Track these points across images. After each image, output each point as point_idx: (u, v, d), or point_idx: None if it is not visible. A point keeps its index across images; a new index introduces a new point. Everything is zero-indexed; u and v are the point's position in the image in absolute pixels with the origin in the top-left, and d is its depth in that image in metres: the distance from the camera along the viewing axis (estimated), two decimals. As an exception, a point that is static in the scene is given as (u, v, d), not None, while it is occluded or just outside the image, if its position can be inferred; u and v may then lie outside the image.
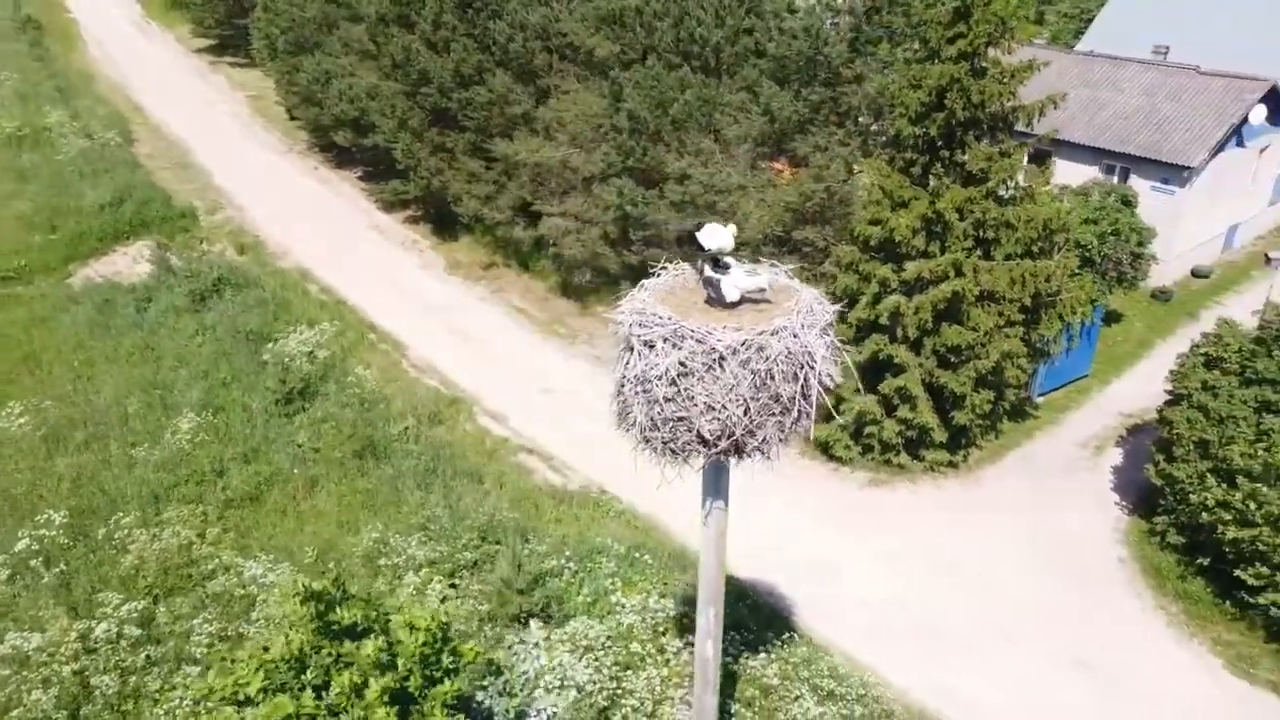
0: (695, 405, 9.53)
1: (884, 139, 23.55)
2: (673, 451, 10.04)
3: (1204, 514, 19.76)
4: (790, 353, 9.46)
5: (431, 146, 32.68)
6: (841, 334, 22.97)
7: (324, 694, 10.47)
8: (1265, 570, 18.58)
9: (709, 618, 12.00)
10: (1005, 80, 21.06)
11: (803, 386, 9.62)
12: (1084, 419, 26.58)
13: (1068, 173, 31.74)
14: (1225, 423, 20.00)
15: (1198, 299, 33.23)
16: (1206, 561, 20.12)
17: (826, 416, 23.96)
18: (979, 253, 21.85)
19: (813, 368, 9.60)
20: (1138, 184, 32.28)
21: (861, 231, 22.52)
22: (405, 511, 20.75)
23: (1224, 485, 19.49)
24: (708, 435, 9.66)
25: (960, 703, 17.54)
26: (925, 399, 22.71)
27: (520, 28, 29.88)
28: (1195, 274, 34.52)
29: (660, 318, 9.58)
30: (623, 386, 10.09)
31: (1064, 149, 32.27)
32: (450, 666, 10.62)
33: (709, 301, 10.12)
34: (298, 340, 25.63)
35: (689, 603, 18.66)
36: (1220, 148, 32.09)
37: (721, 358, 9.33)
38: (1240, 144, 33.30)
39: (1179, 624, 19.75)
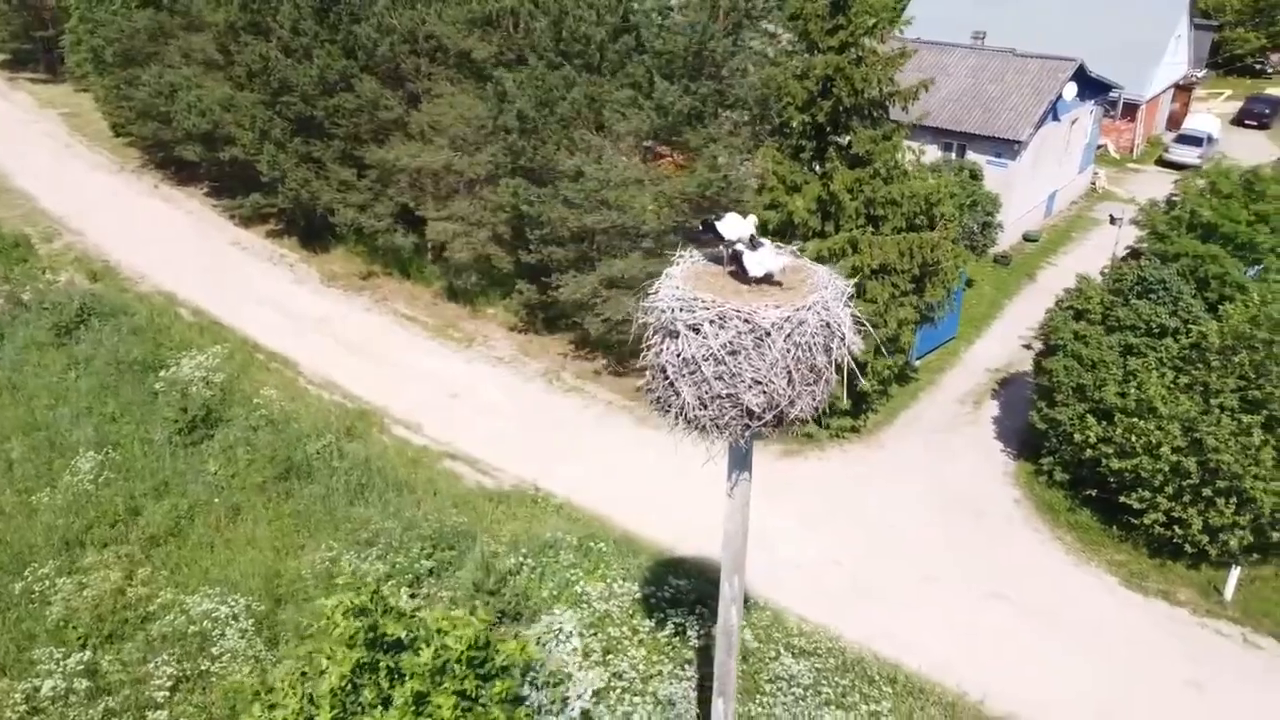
0: (743, 381, 10.17)
1: (770, 128, 24.80)
2: (719, 428, 10.60)
3: (1087, 450, 22.06)
4: (826, 325, 10.27)
5: (298, 157, 31.67)
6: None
7: (387, 708, 10.46)
8: (1146, 494, 20.97)
9: (733, 585, 12.71)
10: (884, 68, 22.67)
11: (834, 357, 10.45)
12: (958, 378, 28.88)
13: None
14: (1097, 367, 22.39)
15: (1032, 261, 36.54)
16: (1093, 493, 22.46)
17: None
18: (870, 229, 23.44)
19: (843, 338, 10.45)
20: (973, 159, 35.18)
21: (759, 216, 23.65)
22: (348, 528, 20.36)
23: (1103, 423, 21.83)
24: (755, 409, 10.32)
25: (902, 645, 18.88)
26: (830, 370, 24.15)
27: (387, 31, 29.43)
28: (1026, 238, 37.89)
29: (705, 301, 10.17)
30: (664, 370, 10.57)
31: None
32: (502, 665, 10.80)
33: (734, 275, 10.77)
34: (191, 366, 24.46)
35: (651, 583, 19.40)
36: (1041, 122, 35.43)
37: (767, 334, 10.02)
38: (1056, 118, 36.80)
39: (1075, 551, 21.97)
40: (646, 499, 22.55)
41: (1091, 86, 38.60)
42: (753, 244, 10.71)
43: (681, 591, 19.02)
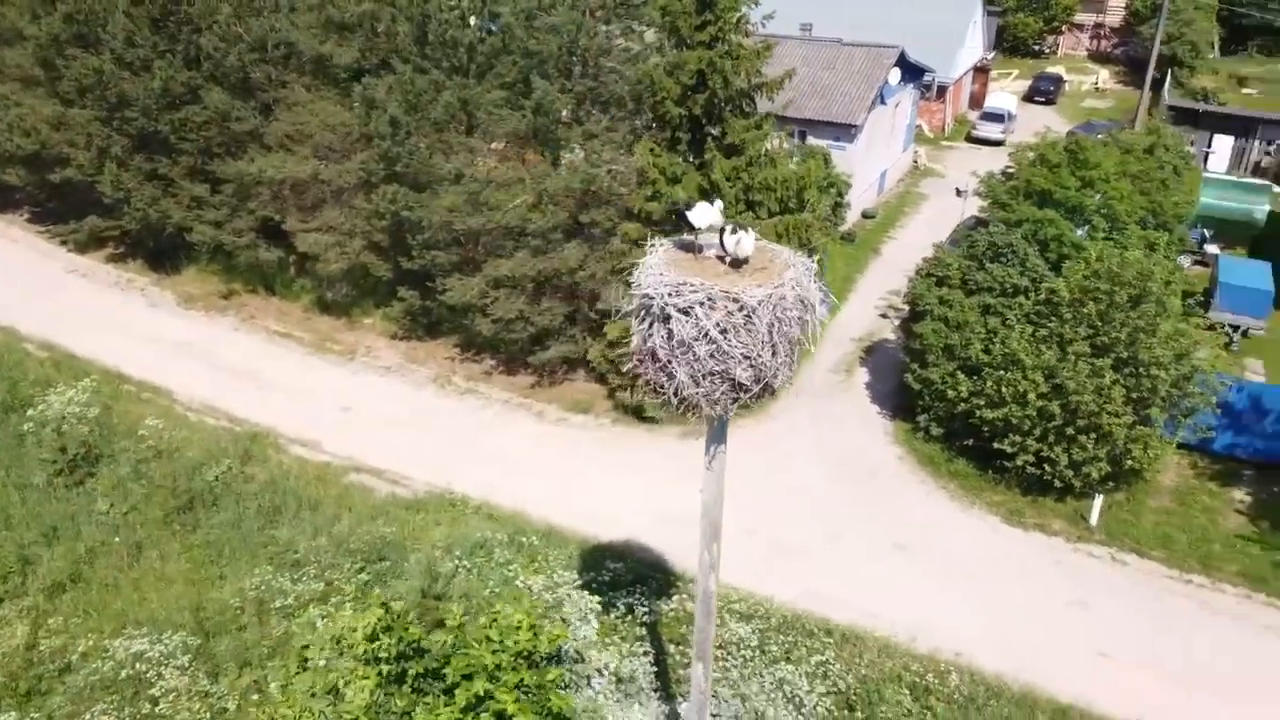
0: (733, 358, 10.90)
1: (645, 122, 25.63)
2: (711, 403, 11.28)
3: (960, 405, 24.11)
4: (801, 300, 11.14)
5: (143, 175, 30.02)
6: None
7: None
8: (1017, 439, 23.15)
9: (711, 552, 13.43)
10: (752, 60, 23.91)
11: (807, 329, 11.37)
12: (827, 349, 30.63)
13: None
14: (962, 328, 24.49)
15: (874, 237, 39.04)
16: (969, 443, 24.55)
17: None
18: (750, 214, 24.67)
19: (814, 310, 11.37)
20: (815, 144, 37.25)
21: (643, 208, 24.53)
22: (271, 552, 19.81)
23: (972, 378, 23.93)
24: (746, 382, 11.07)
25: (828, 600, 20.19)
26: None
27: (234, 40, 28.37)
28: (865, 216, 40.42)
29: (694, 284, 10.82)
30: (654, 354, 11.14)
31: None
32: (548, 652, 11.12)
33: (720, 259, 11.52)
34: (61, 403, 22.96)
35: (589, 570, 19.90)
36: (872, 107, 37.90)
37: (754, 311, 10.78)
38: (883, 102, 39.45)
39: (958, 497, 23.97)
40: (561, 491, 23.01)
41: (910, 71, 41.58)
42: (733, 230, 11.44)
43: (619, 574, 19.65)
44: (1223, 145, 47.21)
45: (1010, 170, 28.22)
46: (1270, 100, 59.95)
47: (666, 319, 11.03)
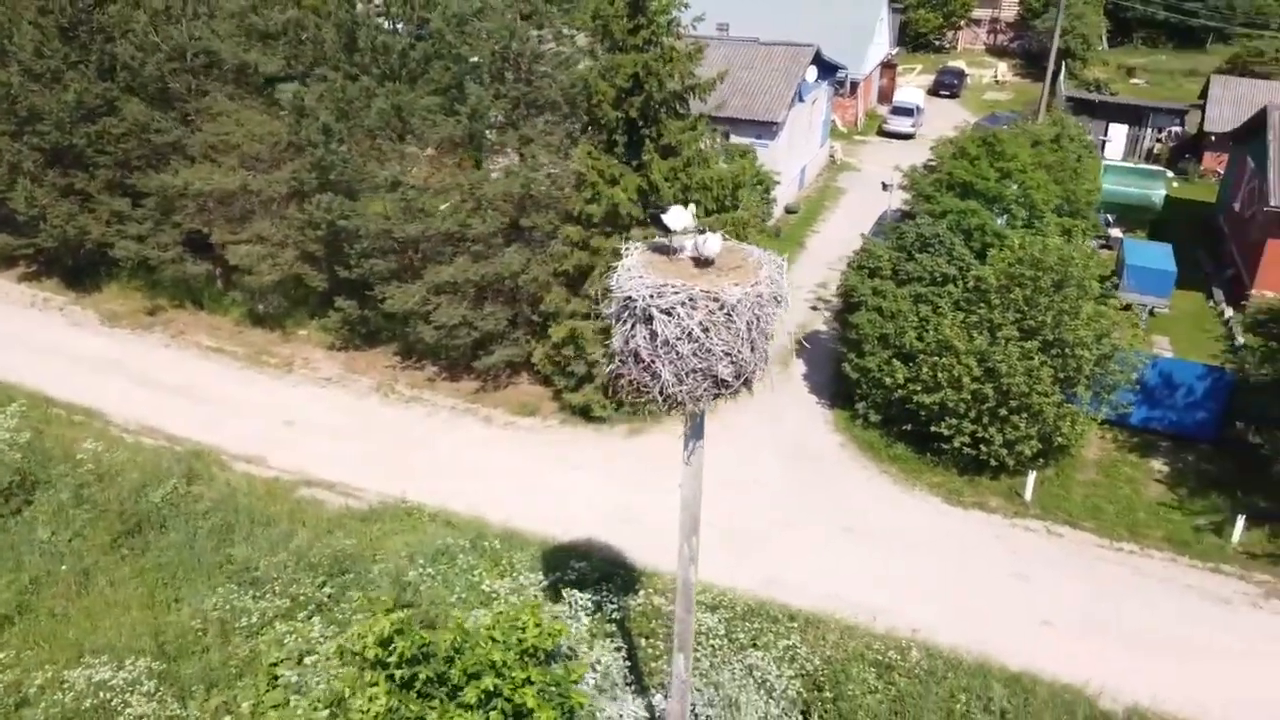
0: (714, 355, 11.29)
1: (581, 125, 25.87)
2: (694, 399, 11.65)
3: (897, 391, 25.00)
4: (775, 297, 11.60)
5: (58, 190, 29.00)
6: (582, 307, 25.28)
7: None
8: (953, 421, 24.13)
9: (691, 545, 13.82)
10: (685, 62, 24.38)
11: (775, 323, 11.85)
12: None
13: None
14: (896, 317, 25.39)
15: (797, 231, 39.98)
16: (907, 428, 25.46)
17: (580, 383, 26.16)
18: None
19: (786, 306, 11.84)
20: (738, 142, 37.98)
21: (583, 210, 24.80)
22: (230, 570, 19.49)
23: (908, 365, 24.84)
24: (727, 378, 11.48)
25: (786, 586, 20.79)
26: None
27: (152, 49, 27.63)
28: (788, 211, 41.37)
29: (675, 286, 11.17)
30: (636, 355, 11.46)
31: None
32: (550, 648, 11.28)
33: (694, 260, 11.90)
34: (-10, 429, 22.15)
35: (552, 569, 20.12)
36: (792, 104, 38.81)
37: (734, 309, 11.19)
38: (801, 99, 40.43)
39: (900, 481, 24.84)
40: (515, 494, 23.14)
41: (824, 69, 42.69)
42: (700, 232, 11.82)
43: (584, 573, 19.88)
44: (1118, 134, 49.67)
45: (932, 164, 29.31)
46: (1156, 89, 63.26)
47: (649, 320, 11.35)
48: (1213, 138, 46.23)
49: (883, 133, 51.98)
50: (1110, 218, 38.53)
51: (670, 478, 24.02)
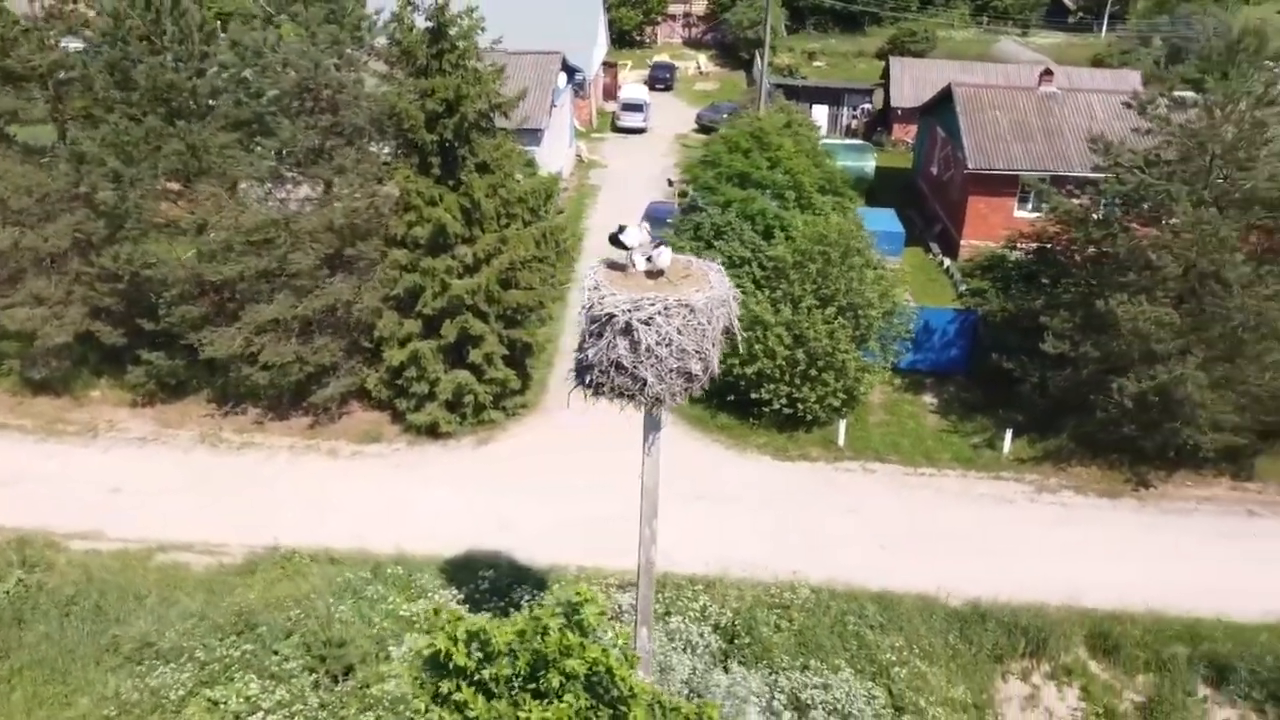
0: (689, 355, 12.89)
1: (395, 149, 26.11)
2: (672, 396, 13.17)
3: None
4: (727, 299, 13.36)
5: None
6: (417, 328, 25.73)
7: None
8: (771, 386, 27.00)
9: (651, 528, 15.31)
10: (491, 82, 25.38)
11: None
12: (569, 338, 32.79)
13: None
14: (706, 301, 27.93)
15: (571, 228, 41.70)
16: (729, 399, 28.10)
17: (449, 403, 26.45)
18: (513, 226, 26.22)
19: (739, 303, 13.66)
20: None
21: (408, 234, 25.22)
22: (127, 649, 18.42)
23: (724, 342, 27.45)
24: (698, 373, 13.11)
25: (673, 557, 21.99)
26: (501, 358, 26.72)
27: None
28: (557, 212, 43.01)
29: (650, 298, 12.61)
30: (618, 364, 12.80)
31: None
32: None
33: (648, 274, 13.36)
34: None
35: (463, 583, 20.81)
36: (549, 109, 40.48)
37: (701, 312, 12.83)
38: (555, 103, 42.19)
39: (731, 447, 27.45)
40: (389, 521, 23.32)
41: (567, 72, 44.68)
42: (655, 245, 13.33)
43: (495, 580, 20.73)
44: (820, 114, 55.63)
45: (709, 158, 32.14)
46: (835, 70, 70.98)
47: (627, 331, 12.73)
48: (899, 112, 53.14)
49: (616, 129, 54.88)
50: (837, 190, 43.55)
51: (527, 480, 25.44)
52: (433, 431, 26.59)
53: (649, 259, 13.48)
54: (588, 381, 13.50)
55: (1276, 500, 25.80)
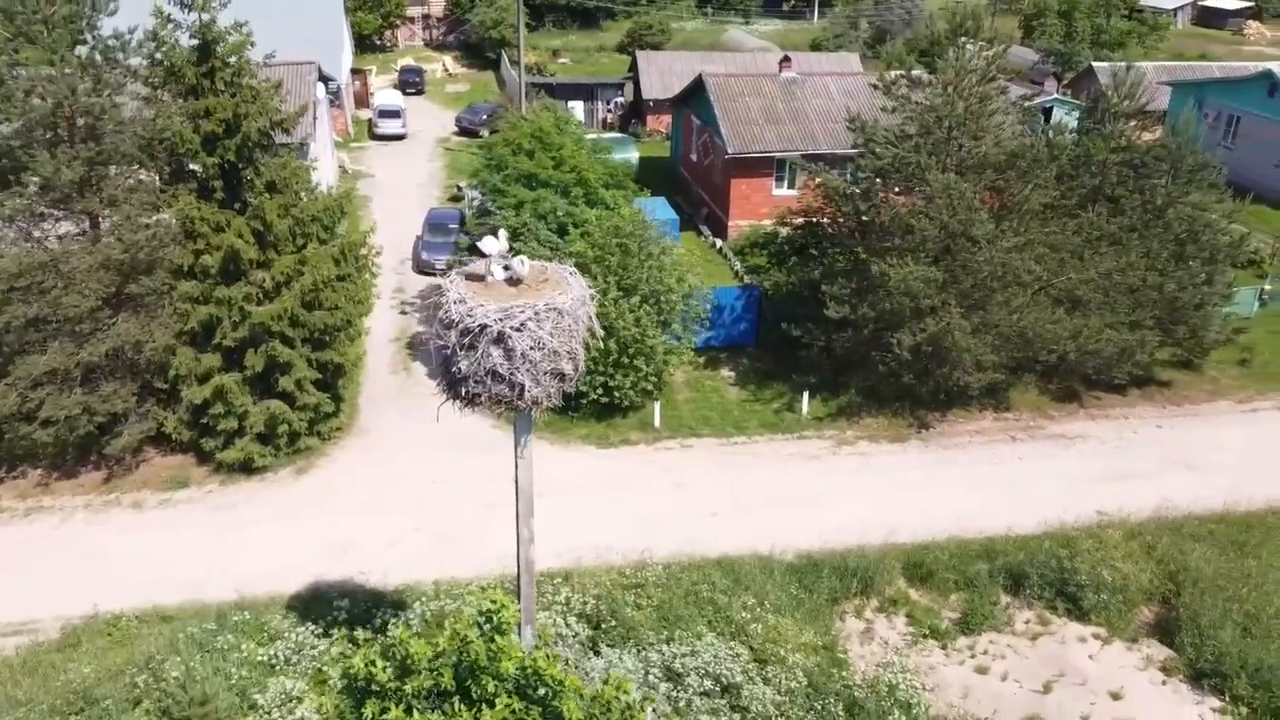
0: (561, 356, 13.39)
1: (170, 175, 24.51)
2: (548, 397, 13.62)
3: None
4: (585, 298, 13.96)
5: None
6: (217, 362, 24.53)
7: None
8: (588, 377, 27.75)
9: (529, 527, 15.68)
10: (269, 99, 24.44)
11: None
12: (372, 356, 32.24)
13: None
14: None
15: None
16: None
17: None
18: (309, 245, 25.41)
19: (597, 302, 14.27)
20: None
21: (196, 264, 23.91)
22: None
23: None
24: (570, 372, 13.63)
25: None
26: (312, 382, 25.88)
27: None
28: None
29: (520, 305, 12.98)
30: (493, 373, 13.09)
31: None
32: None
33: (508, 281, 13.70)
34: None
35: (318, 617, 20.28)
36: (313, 122, 39.05)
37: (569, 314, 13.36)
38: (316, 115, 40.72)
39: (557, 443, 27.79)
40: (217, 567, 22.16)
41: (323, 80, 43.26)
42: (513, 254, 13.70)
43: (351, 608, 20.27)
44: (576, 109, 56.83)
45: (493, 161, 32.33)
46: (580, 66, 72.61)
47: (500, 340, 13.07)
48: (651, 103, 55.33)
49: (375, 136, 53.64)
50: (608, 183, 44.91)
51: (358, 502, 24.96)
52: (246, 468, 25.38)
53: (507, 267, 13.84)
54: (463, 394, 13.67)
55: (1030, 425, 29.63)
